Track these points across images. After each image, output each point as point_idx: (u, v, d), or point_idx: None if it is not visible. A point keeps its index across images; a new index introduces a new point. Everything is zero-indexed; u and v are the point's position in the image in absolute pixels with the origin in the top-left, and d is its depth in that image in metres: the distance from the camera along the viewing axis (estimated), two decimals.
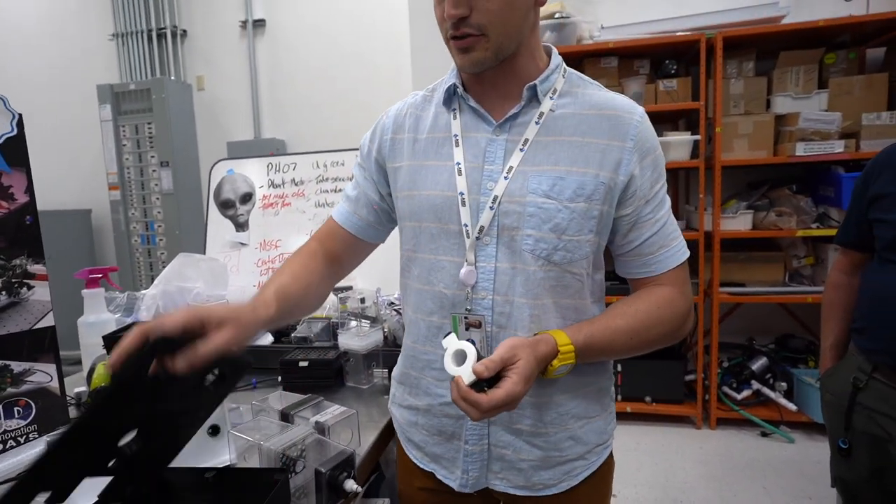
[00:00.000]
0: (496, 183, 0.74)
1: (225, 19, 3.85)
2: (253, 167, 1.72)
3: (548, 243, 0.72)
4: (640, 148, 0.74)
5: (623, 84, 2.74)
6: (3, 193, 0.92)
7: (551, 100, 0.75)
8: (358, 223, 0.88)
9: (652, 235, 0.76)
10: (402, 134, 0.84)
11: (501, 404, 0.62)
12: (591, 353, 0.73)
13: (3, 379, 0.89)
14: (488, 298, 0.74)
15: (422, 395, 0.81)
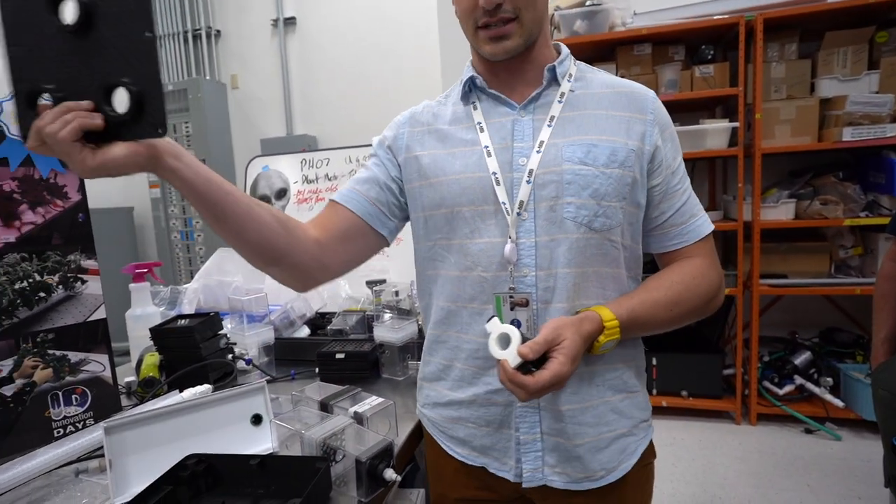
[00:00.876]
0: (528, 158, 0.75)
1: (257, 18, 3.93)
2: (287, 163, 1.75)
3: (588, 209, 0.73)
4: (659, 121, 0.78)
5: (657, 71, 2.67)
6: (58, 192, 0.96)
7: (569, 82, 0.79)
8: (357, 198, 0.82)
9: (682, 205, 0.80)
10: (419, 127, 0.85)
11: (548, 385, 0.63)
12: (635, 327, 0.74)
13: (62, 368, 0.94)
14: (531, 275, 0.74)
15: (465, 386, 0.80)
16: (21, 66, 0.58)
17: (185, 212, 3.91)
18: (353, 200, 0.82)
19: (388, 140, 0.87)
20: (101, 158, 0.58)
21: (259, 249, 0.74)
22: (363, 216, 0.82)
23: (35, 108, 0.58)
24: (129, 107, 0.58)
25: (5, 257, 0.90)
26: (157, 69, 0.57)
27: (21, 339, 0.91)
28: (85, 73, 0.58)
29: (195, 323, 1.14)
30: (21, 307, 0.91)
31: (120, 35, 0.57)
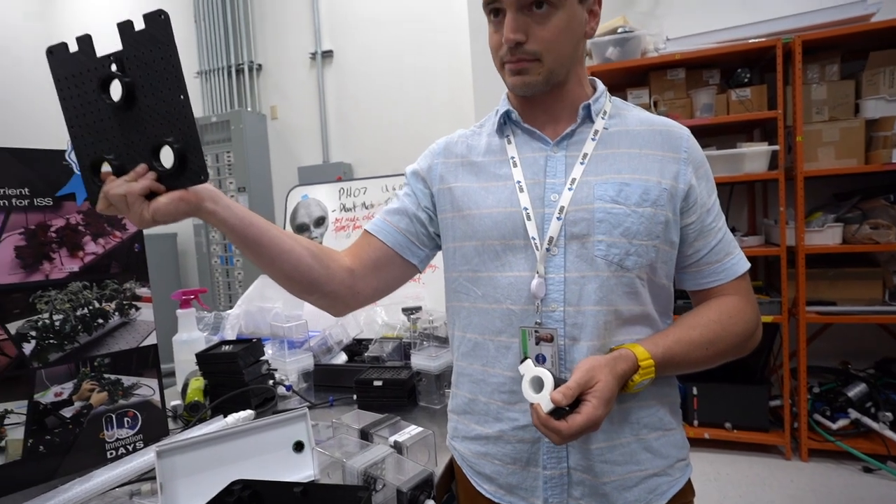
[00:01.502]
0: (560, 194, 0.75)
1: (296, 52, 4.10)
2: (325, 192, 1.81)
3: (619, 248, 0.73)
4: (693, 160, 0.78)
5: (691, 96, 2.65)
6: (117, 224, 1.02)
7: (603, 119, 0.80)
8: (387, 229, 0.86)
9: (717, 243, 0.79)
10: (453, 158, 0.86)
11: (582, 429, 0.63)
12: (670, 366, 0.73)
13: (116, 391, 0.98)
14: (559, 310, 0.74)
15: (492, 421, 0.79)
16: (83, 144, 0.68)
17: (225, 238, 4.04)
18: (384, 231, 0.86)
19: (421, 170, 0.89)
20: (153, 210, 0.65)
21: (294, 280, 0.79)
22: (393, 246, 0.85)
23: (99, 176, 0.67)
24: (174, 161, 0.65)
25: (69, 286, 0.95)
26: (194, 125, 0.64)
27: (80, 363, 0.96)
28: (135, 138, 0.66)
29: (239, 349, 1.17)
30: (82, 332, 0.96)
31: (160, 102, 0.65)
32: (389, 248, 0.85)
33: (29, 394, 0.90)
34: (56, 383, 0.93)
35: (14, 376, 0.89)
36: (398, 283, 0.89)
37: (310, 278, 0.78)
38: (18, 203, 0.91)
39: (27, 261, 0.92)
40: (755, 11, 2.65)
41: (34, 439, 0.89)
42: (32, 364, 0.91)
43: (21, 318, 0.90)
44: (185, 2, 4.30)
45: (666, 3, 2.95)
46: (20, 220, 0.92)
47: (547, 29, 0.72)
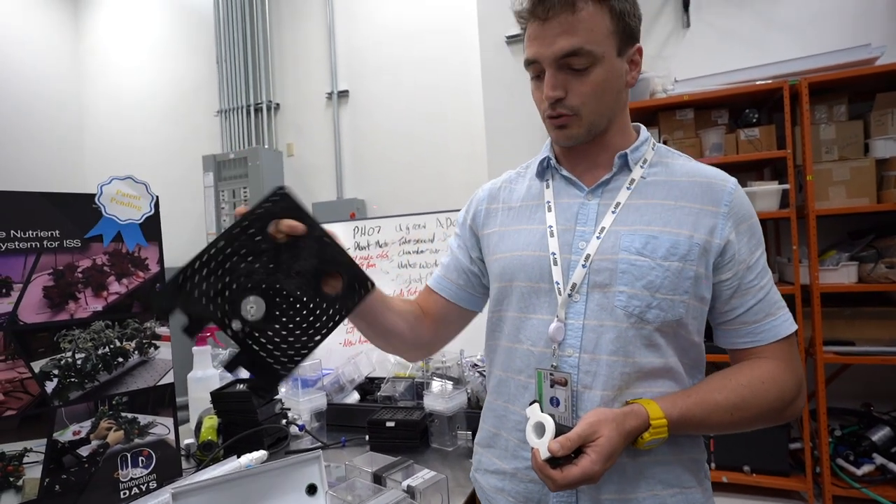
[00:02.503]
0: (588, 242, 0.76)
1: (313, 92, 4.24)
2: (340, 230, 1.84)
3: (641, 300, 0.72)
4: (734, 214, 0.75)
5: (700, 135, 2.69)
6: (140, 265, 1.05)
7: (641, 168, 0.79)
8: (449, 286, 0.92)
9: (757, 303, 0.76)
10: (496, 204, 0.90)
11: (576, 481, 0.63)
12: (686, 428, 0.71)
13: (132, 430, 0.99)
14: (574, 356, 0.74)
15: (509, 458, 0.80)
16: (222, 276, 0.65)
17: None
18: (446, 289, 0.93)
19: (469, 219, 0.94)
20: None
21: (388, 347, 0.92)
22: (456, 301, 0.93)
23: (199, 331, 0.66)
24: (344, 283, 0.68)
25: (93, 325, 0.98)
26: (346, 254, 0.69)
27: (99, 402, 0.97)
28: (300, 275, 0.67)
29: None
30: (102, 371, 0.98)
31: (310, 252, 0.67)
32: (453, 303, 0.93)
33: (49, 432, 0.91)
34: (75, 422, 0.94)
35: (35, 414, 0.90)
36: (462, 329, 0.97)
37: (401, 346, 0.91)
38: (49, 245, 0.95)
39: (54, 301, 0.95)
40: (761, 54, 2.71)
41: (51, 478, 0.90)
42: (53, 402, 0.92)
43: (45, 357, 0.93)
44: (207, 44, 4.50)
45: (672, 45, 3.03)
46: (49, 261, 0.95)
47: (586, 84, 0.73)
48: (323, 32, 4.16)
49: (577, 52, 0.72)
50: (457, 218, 0.98)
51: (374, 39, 4.00)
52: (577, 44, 0.71)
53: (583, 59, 0.72)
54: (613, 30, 0.73)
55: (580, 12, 0.71)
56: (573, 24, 0.71)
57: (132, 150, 4.83)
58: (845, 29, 2.67)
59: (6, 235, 0.91)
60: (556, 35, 0.72)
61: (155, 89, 4.78)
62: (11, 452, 0.87)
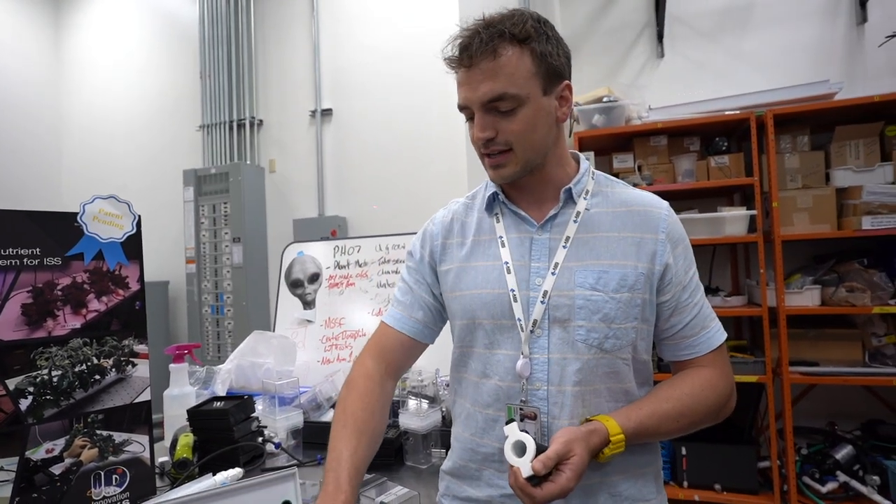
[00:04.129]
0: (544, 279, 0.80)
1: (296, 110, 4.27)
2: (320, 249, 1.86)
3: (599, 332, 0.77)
4: (671, 238, 0.82)
5: (673, 161, 2.79)
6: (121, 282, 1.07)
7: (585, 200, 0.84)
8: (414, 325, 0.92)
9: (692, 319, 0.83)
10: (451, 238, 0.92)
11: (554, 497, 0.67)
12: (640, 438, 0.77)
13: (107, 448, 1.00)
14: (543, 389, 0.78)
15: (483, 486, 0.83)
16: None
17: (218, 287, 4.06)
18: (410, 328, 0.92)
19: (426, 255, 0.94)
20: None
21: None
22: (416, 337, 0.93)
23: None
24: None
25: (70, 342, 0.98)
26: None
27: (74, 420, 0.97)
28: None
29: (230, 406, 1.19)
30: (78, 388, 0.98)
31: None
32: (415, 340, 0.93)
33: (21, 450, 0.91)
34: (49, 439, 0.94)
35: (8, 432, 0.90)
36: (416, 360, 0.98)
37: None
38: (29, 262, 0.96)
39: (32, 318, 0.95)
40: (730, 85, 2.85)
41: (21, 497, 0.90)
42: (27, 420, 0.92)
43: (21, 374, 0.93)
44: (191, 58, 4.51)
45: (647, 75, 3.16)
46: (29, 278, 0.96)
47: (514, 123, 0.77)
48: (308, 51, 4.22)
49: (502, 97, 0.76)
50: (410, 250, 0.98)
51: (358, 59, 4.06)
52: (499, 89, 0.75)
53: (507, 103, 0.76)
54: (535, 71, 0.77)
55: (500, 58, 0.75)
56: (495, 69, 0.75)
57: (111, 162, 4.79)
58: (807, 64, 2.82)
59: None
60: (480, 81, 0.76)
61: (136, 102, 4.77)
62: None
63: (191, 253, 4.16)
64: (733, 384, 0.84)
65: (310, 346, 1.71)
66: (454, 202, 0.98)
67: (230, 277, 4.00)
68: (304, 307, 1.80)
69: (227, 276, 4.02)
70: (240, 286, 3.97)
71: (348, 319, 1.72)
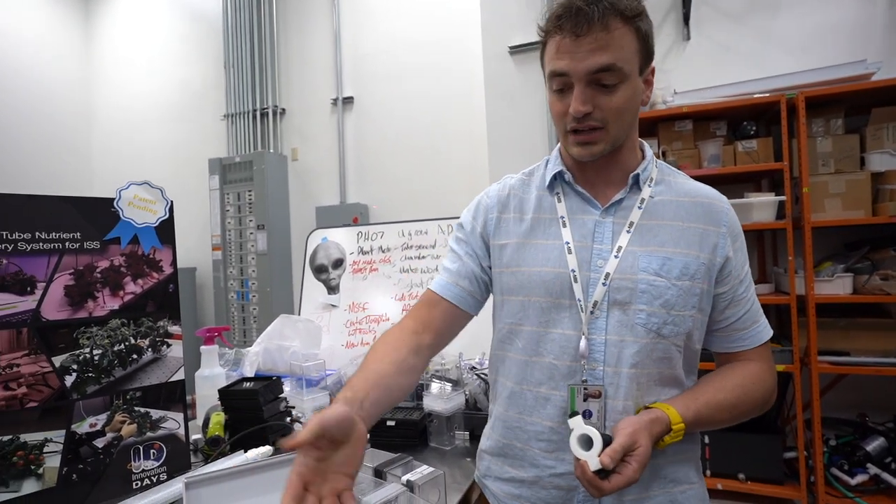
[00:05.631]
0: (606, 261, 0.80)
1: (318, 98, 4.30)
2: (344, 235, 1.89)
3: (658, 318, 0.78)
4: (731, 233, 0.83)
5: (699, 146, 2.74)
6: (155, 266, 1.10)
7: (650, 187, 0.84)
8: (459, 293, 0.90)
9: (745, 312, 0.84)
10: (507, 213, 0.90)
11: (621, 488, 0.69)
12: (696, 427, 0.79)
13: (144, 424, 1.04)
14: (599, 369, 0.79)
15: (528, 466, 0.83)
16: None
17: (243, 273, 4.15)
18: (457, 296, 0.90)
19: (478, 226, 0.92)
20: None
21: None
22: (462, 307, 0.90)
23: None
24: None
25: (109, 322, 1.03)
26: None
27: (114, 397, 1.02)
28: None
29: (260, 386, 1.23)
30: (117, 367, 1.03)
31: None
32: (459, 309, 0.90)
33: (67, 424, 0.96)
34: (92, 414, 0.99)
35: (55, 407, 0.95)
36: (458, 334, 0.94)
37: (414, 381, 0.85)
38: (70, 246, 1.00)
39: (74, 299, 1.00)
40: (759, 67, 2.76)
41: (68, 467, 0.95)
42: (72, 396, 0.97)
43: (65, 353, 0.97)
44: (216, 49, 4.57)
45: (673, 58, 3.08)
46: (71, 261, 1.00)
47: (613, 101, 0.76)
48: (329, 39, 4.23)
49: (610, 69, 0.74)
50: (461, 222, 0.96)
51: (379, 47, 4.06)
52: (610, 60, 0.74)
53: (613, 76, 0.75)
54: (638, 49, 0.77)
55: (614, 31, 0.74)
56: (607, 41, 0.74)
57: (140, 152, 4.91)
58: (842, 44, 2.72)
59: (31, 237, 0.96)
60: (590, 51, 0.74)
61: (163, 93, 4.86)
62: (33, 442, 0.92)
63: (217, 240, 4.26)
64: (776, 380, 0.85)
65: (334, 331, 1.75)
66: (508, 177, 0.96)
67: (255, 264, 4.09)
68: (329, 292, 1.83)
69: (252, 263, 4.10)
70: (264, 272, 4.05)
71: (372, 304, 1.74)
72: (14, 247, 0.94)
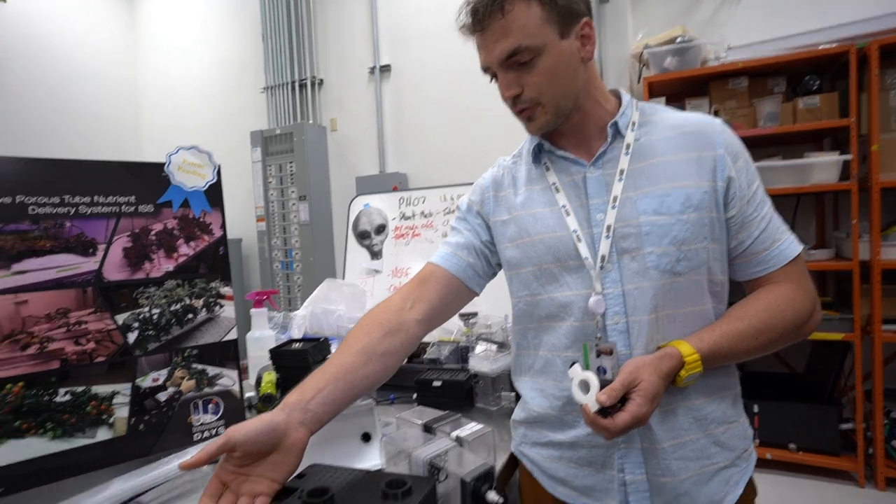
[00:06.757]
0: (605, 213, 0.79)
1: (355, 67, 4.27)
2: (386, 201, 1.89)
3: (670, 256, 0.76)
4: (730, 152, 0.80)
5: (755, 105, 2.58)
6: (206, 229, 1.13)
7: (632, 132, 0.82)
8: (458, 263, 0.90)
9: (762, 232, 0.80)
10: (502, 191, 0.91)
11: (628, 425, 0.66)
12: (717, 359, 0.75)
13: (202, 380, 1.08)
14: (621, 322, 0.77)
15: (567, 429, 0.83)
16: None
17: (286, 243, 4.25)
18: (455, 265, 0.91)
19: (475, 205, 0.94)
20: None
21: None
22: (462, 279, 0.90)
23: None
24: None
25: (165, 283, 1.06)
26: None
27: (173, 354, 1.06)
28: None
29: (308, 347, 1.26)
30: (174, 326, 1.07)
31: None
32: (459, 280, 0.90)
33: (132, 378, 1.01)
34: (154, 370, 1.03)
35: (120, 362, 1.00)
36: (455, 313, 0.95)
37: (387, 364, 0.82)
38: (126, 210, 1.03)
39: (132, 260, 1.03)
40: (824, 16, 2.54)
41: (136, 418, 1.00)
42: (135, 352, 1.02)
43: (126, 311, 1.02)
44: (253, 21, 4.59)
45: (727, 11, 2.89)
46: (127, 224, 1.04)
47: (536, 75, 0.77)
48: (365, 7, 4.17)
49: (516, 51, 0.76)
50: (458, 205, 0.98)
51: (415, 13, 3.98)
52: (513, 44, 0.76)
53: (524, 55, 0.76)
54: (546, 18, 0.76)
55: (508, 14, 0.75)
56: (505, 26, 0.75)
57: (184, 127, 5.03)
58: None
59: (91, 200, 0.99)
60: (495, 41, 0.77)
61: (205, 68, 4.94)
62: (103, 394, 0.97)
63: (260, 211, 4.36)
64: (815, 298, 0.81)
65: (378, 295, 1.77)
66: (502, 159, 0.98)
67: (297, 234, 4.17)
68: (372, 258, 1.85)
69: (295, 234, 4.19)
70: (307, 242, 4.13)
71: (414, 269, 1.74)
72: (76, 210, 0.98)
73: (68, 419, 0.94)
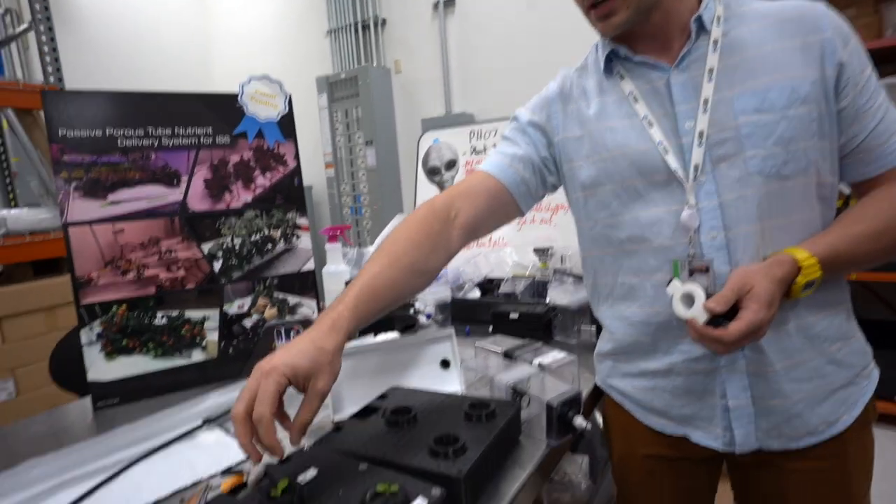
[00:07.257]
0: (694, 120, 0.70)
1: (419, 5, 4.11)
2: (456, 135, 1.82)
3: (776, 158, 0.67)
4: (839, 34, 0.68)
5: (882, 10, 2.21)
6: (280, 160, 1.13)
7: (719, 27, 0.71)
8: (514, 176, 0.82)
9: (877, 124, 0.69)
10: (572, 104, 0.81)
11: (746, 335, 0.59)
12: (837, 264, 0.66)
13: (283, 308, 1.12)
14: (719, 237, 0.69)
15: (661, 356, 0.77)
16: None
17: (354, 189, 4.31)
18: (508, 177, 0.83)
19: (540, 121, 0.84)
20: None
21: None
22: (515, 195, 0.83)
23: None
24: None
25: (245, 214, 1.08)
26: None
27: (255, 283, 1.09)
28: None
29: None
30: (255, 255, 1.09)
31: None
32: (511, 195, 0.83)
33: (220, 304, 1.05)
34: (239, 297, 1.07)
35: (208, 289, 1.05)
36: (498, 227, 0.87)
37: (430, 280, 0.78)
38: (205, 141, 1.05)
39: (213, 191, 1.05)
40: None
41: (225, 342, 1.05)
42: (221, 280, 1.06)
43: (210, 241, 1.05)
44: None
45: None
46: (206, 156, 1.05)
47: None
48: None
49: None
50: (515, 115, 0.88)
51: None
52: None
53: None
54: None
55: None
56: None
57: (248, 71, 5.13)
58: None
59: (172, 132, 1.01)
60: None
61: (270, 16, 4.95)
62: (195, 318, 1.03)
63: (329, 158, 4.42)
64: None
65: None
66: (565, 69, 0.87)
67: (365, 179, 4.21)
68: None
69: (363, 179, 4.23)
70: (374, 187, 4.16)
71: None
72: (159, 142, 1.00)
73: (166, 340, 1.00)
